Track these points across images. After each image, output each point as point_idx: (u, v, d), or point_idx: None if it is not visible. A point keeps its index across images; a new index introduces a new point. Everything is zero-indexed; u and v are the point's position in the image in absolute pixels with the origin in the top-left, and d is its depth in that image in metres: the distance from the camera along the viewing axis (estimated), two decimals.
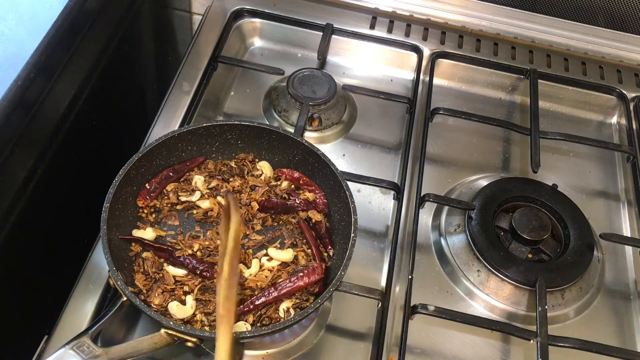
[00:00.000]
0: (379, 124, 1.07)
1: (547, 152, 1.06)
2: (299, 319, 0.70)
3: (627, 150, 1.06)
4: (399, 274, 0.86)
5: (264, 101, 1.07)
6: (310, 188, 0.86)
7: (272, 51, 1.17)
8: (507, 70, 1.15)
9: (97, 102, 0.96)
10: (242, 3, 1.17)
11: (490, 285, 0.86)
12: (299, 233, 0.84)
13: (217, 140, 0.88)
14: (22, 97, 0.74)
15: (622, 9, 1.17)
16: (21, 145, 0.76)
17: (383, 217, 0.94)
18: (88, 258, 0.81)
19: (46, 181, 0.84)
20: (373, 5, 1.21)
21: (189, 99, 1.01)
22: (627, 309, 0.90)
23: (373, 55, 1.16)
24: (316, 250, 0.81)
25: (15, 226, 0.78)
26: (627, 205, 1.02)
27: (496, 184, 0.95)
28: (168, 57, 1.32)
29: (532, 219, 0.89)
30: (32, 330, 0.76)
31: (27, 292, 0.87)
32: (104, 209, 0.74)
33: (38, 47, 0.78)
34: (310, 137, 1.01)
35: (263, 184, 0.87)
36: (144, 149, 0.81)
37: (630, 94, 1.14)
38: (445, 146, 1.05)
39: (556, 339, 0.79)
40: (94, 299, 0.77)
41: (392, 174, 0.99)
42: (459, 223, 0.91)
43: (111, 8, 0.98)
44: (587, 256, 0.89)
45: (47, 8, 0.83)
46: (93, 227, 0.76)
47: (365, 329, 0.82)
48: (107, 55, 0.98)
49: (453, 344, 0.82)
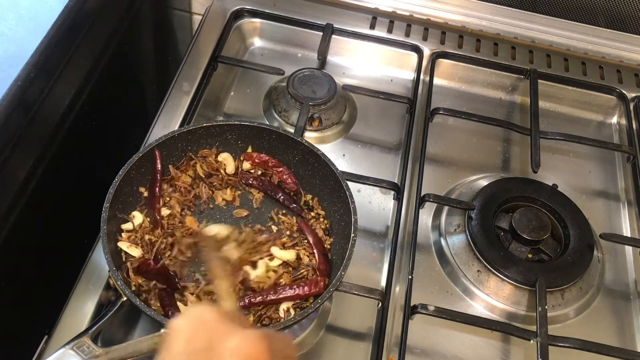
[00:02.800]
0: (379, 124, 1.07)
1: (547, 152, 1.06)
2: (299, 319, 0.70)
3: (627, 150, 1.06)
4: (399, 274, 0.86)
5: (264, 101, 1.07)
6: (279, 170, 0.87)
7: (272, 51, 1.17)
8: (507, 70, 1.15)
9: (97, 102, 0.96)
10: (242, 3, 1.17)
11: (490, 285, 0.86)
12: (296, 230, 0.84)
13: (217, 140, 0.88)
14: (22, 97, 0.74)
15: (622, 9, 1.17)
16: (21, 145, 0.76)
17: (383, 217, 0.94)
18: (88, 258, 0.81)
19: (46, 181, 0.84)
20: (373, 5, 1.21)
21: (189, 99, 1.01)
22: (627, 309, 0.90)
23: (373, 55, 1.16)
24: (319, 253, 0.80)
25: (15, 226, 0.78)
26: (627, 205, 1.02)
27: (496, 184, 0.95)
28: (168, 57, 1.32)
29: (532, 219, 0.89)
30: (32, 330, 0.76)
31: (27, 292, 0.87)
32: (104, 209, 0.74)
33: (38, 47, 0.78)
34: (310, 137, 1.01)
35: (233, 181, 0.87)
36: (144, 149, 0.81)
37: (630, 94, 1.14)
38: (445, 146, 1.05)
39: (556, 339, 0.79)
40: (94, 299, 0.77)
41: (392, 174, 0.99)
42: (459, 223, 0.91)
43: (111, 8, 0.98)
44: (587, 256, 0.89)
45: (47, 8, 0.83)
46: (93, 227, 0.76)
47: (365, 329, 0.82)
48: (107, 55, 0.98)
49: (453, 344, 0.82)
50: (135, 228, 0.80)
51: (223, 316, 0.47)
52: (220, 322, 0.46)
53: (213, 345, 0.44)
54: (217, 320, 0.46)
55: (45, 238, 0.90)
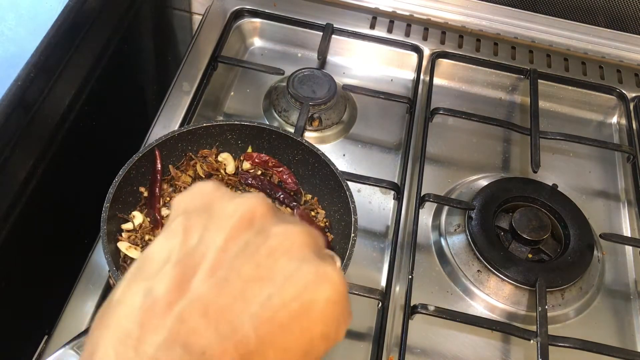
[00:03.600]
0: (379, 124, 1.07)
1: (547, 152, 1.06)
2: None
3: (627, 150, 1.06)
4: (399, 274, 0.86)
5: (264, 101, 1.07)
6: (279, 169, 0.87)
7: (272, 51, 1.17)
8: (507, 70, 1.15)
9: (97, 102, 0.96)
10: (242, 3, 1.17)
11: (490, 285, 0.86)
12: None
13: (217, 140, 0.88)
14: (22, 97, 0.74)
15: (622, 9, 1.17)
16: (21, 145, 0.76)
17: (383, 217, 0.94)
18: (88, 258, 0.81)
19: (46, 181, 0.84)
20: (373, 5, 1.21)
21: (189, 99, 1.01)
22: (627, 309, 0.90)
23: (373, 55, 1.16)
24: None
25: (15, 226, 0.78)
26: (627, 205, 1.02)
27: (496, 184, 0.95)
28: (168, 57, 1.32)
29: (532, 219, 0.89)
30: (32, 330, 0.76)
31: (27, 292, 0.87)
32: (104, 209, 0.74)
33: (38, 47, 0.78)
34: (310, 137, 1.01)
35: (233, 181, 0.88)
36: (144, 149, 0.81)
37: (630, 94, 1.14)
38: (445, 146, 1.05)
39: (556, 339, 0.79)
40: (94, 299, 0.77)
41: (392, 174, 0.99)
42: (459, 223, 0.91)
43: (111, 8, 0.98)
44: (587, 256, 0.89)
45: (47, 8, 0.83)
46: (93, 227, 0.76)
47: (365, 329, 0.81)
48: (107, 55, 0.98)
49: (453, 344, 0.82)
50: (135, 228, 0.80)
51: (223, 186, 0.43)
52: (219, 189, 0.42)
53: (210, 206, 0.39)
54: (217, 187, 0.42)
55: (45, 238, 0.90)
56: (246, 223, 0.38)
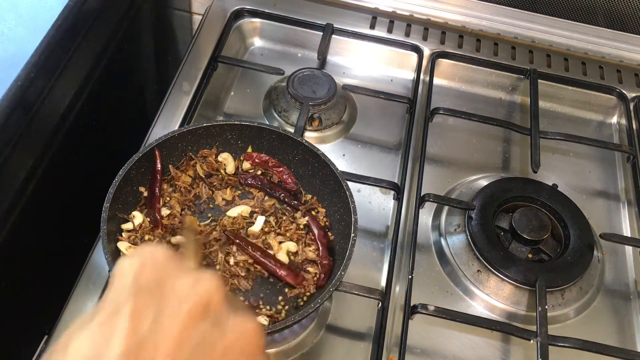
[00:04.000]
0: (379, 124, 1.07)
1: (547, 152, 1.06)
2: (298, 319, 0.70)
3: (627, 150, 1.06)
4: (399, 274, 0.86)
5: (264, 101, 1.07)
6: (279, 169, 0.87)
7: (272, 51, 1.17)
8: (507, 70, 1.15)
9: (97, 102, 0.96)
10: (242, 3, 1.17)
11: (490, 285, 0.86)
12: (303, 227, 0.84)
13: (217, 140, 0.88)
14: (22, 97, 0.74)
15: (622, 9, 1.17)
16: (21, 145, 0.76)
17: (383, 217, 0.94)
18: (88, 258, 0.81)
19: (46, 181, 0.84)
20: (373, 5, 1.21)
21: (189, 99, 1.01)
22: (627, 309, 0.90)
23: (373, 55, 1.16)
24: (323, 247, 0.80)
25: (15, 226, 0.78)
26: (627, 205, 1.02)
27: (496, 184, 0.95)
28: (168, 57, 1.32)
29: (532, 219, 0.89)
30: (32, 330, 0.76)
31: (27, 292, 0.87)
32: (104, 209, 0.74)
33: (38, 47, 0.78)
34: (310, 137, 1.01)
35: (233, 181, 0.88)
36: (144, 149, 0.81)
37: (630, 94, 1.14)
38: (445, 146, 1.05)
39: (556, 339, 0.79)
40: (94, 299, 0.77)
41: (392, 174, 0.99)
42: (459, 223, 0.91)
43: (111, 8, 0.98)
44: (587, 256, 0.89)
45: (47, 8, 0.83)
46: (93, 227, 0.76)
47: (365, 329, 0.82)
48: (107, 55, 0.98)
49: (453, 344, 0.82)
50: (135, 228, 0.80)
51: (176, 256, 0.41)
52: (172, 261, 0.40)
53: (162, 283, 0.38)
54: (169, 258, 0.40)
55: (46, 238, 0.90)
56: (201, 310, 0.37)
